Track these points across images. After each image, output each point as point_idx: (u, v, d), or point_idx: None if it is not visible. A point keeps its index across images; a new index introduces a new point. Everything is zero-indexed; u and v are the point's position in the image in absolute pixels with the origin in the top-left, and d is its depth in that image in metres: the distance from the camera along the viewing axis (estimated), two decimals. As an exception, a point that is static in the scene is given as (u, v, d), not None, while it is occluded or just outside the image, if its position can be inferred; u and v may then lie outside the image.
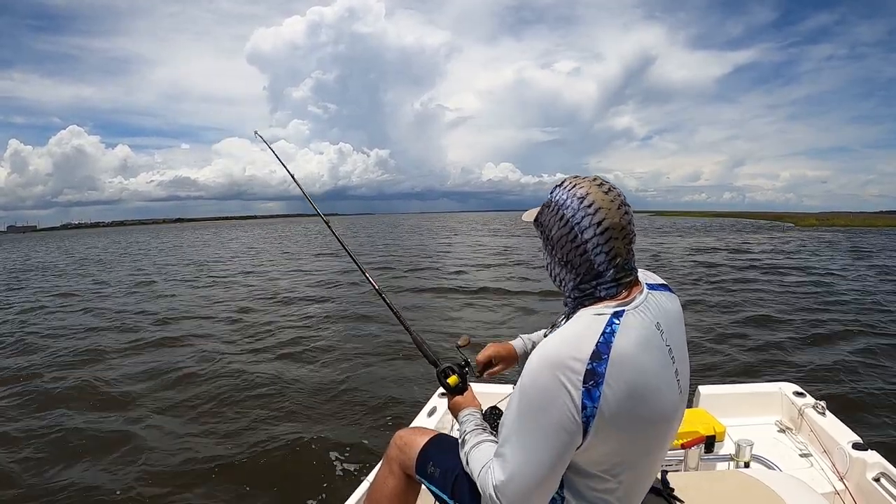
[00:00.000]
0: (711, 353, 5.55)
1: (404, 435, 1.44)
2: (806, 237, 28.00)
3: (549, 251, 1.06)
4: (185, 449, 3.58)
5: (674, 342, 1.00)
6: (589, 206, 0.97)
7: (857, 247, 21.13)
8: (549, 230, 1.03)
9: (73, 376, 5.22)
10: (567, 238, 0.99)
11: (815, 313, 7.64)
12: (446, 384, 1.33)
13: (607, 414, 0.88)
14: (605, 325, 0.92)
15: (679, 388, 1.01)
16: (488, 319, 7.72)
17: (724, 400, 2.47)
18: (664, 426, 0.99)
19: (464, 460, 1.12)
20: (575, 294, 1.03)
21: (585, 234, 0.97)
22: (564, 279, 1.04)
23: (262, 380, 4.90)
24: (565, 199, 1.00)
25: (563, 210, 1.00)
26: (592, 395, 0.87)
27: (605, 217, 0.96)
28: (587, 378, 0.88)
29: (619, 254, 0.97)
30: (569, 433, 0.89)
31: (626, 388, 0.89)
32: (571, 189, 1.00)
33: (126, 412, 4.24)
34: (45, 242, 56.52)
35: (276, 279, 13.20)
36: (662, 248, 20.20)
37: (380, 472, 1.46)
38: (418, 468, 1.34)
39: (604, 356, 0.89)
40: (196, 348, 6.26)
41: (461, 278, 12.27)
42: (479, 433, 1.15)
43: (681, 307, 1.09)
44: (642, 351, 0.93)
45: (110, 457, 3.48)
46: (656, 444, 1.01)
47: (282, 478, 3.21)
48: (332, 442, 3.63)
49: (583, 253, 0.98)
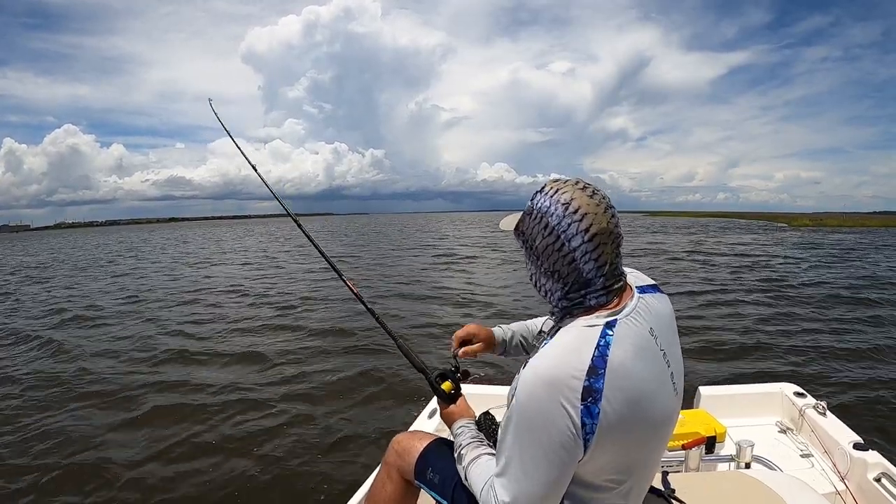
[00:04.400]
0: (711, 353, 5.55)
1: (402, 440, 1.41)
2: (799, 237, 28.20)
3: (534, 261, 1.00)
4: (173, 456, 3.51)
5: (667, 346, 0.98)
6: (574, 212, 0.92)
7: (853, 247, 21.29)
8: (533, 240, 0.98)
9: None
10: (553, 247, 0.95)
11: (814, 313, 7.67)
12: (440, 390, 1.30)
13: (607, 427, 0.86)
14: (599, 337, 0.89)
15: (675, 391, 1.00)
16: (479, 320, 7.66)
17: (724, 401, 2.46)
18: (661, 429, 0.98)
19: (462, 475, 1.10)
20: (563, 304, 0.99)
21: (573, 242, 0.92)
22: (551, 290, 1.00)
23: (248, 385, 4.84)
24: (549, 206, 0.95)
25: (547, 218, 0.95)
26: (592, 412, 0.85)
27: (592, 223, 0.91)
28: (585, 395, 0.85)
29: (607, 260, 0.93)
30: (568, 451, 0.87)
31: (625, 400, 0.87)
32: (554, 195, 0.95)
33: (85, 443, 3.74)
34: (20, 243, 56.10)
35: (246, 278, 13.18)
36: (659, 248, 20.29)
37: (378, 478, 1.44)
38: (417, 474, 1.32)
39: (600, 371, 0.86)
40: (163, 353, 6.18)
41: (451, 276, 12.27)
42: (476, 446, 1.13)
43: (671, 307, 1.06)
44: (638, 360, 0.90)
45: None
46: (654, 447, 1.00)
47: (275, 485, 3.16)
48: (328, 447, 3.60)
49: (571, 262, 0.94)
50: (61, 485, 3.18)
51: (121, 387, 4.85)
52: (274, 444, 3.64)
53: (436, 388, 1.31)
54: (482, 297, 9.49)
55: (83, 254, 27.86)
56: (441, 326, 7.15)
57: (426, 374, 1.35)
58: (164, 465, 3.38)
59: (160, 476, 3.24)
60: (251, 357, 5.89)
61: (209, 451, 3.59)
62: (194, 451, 3.58)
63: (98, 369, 5.47)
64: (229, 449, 3.60)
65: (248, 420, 4.07)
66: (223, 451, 3.57)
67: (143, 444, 3.67)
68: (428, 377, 1.34)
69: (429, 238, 30.30)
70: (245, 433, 3.84)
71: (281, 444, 3.64)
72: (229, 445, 3.65)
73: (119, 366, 5.61)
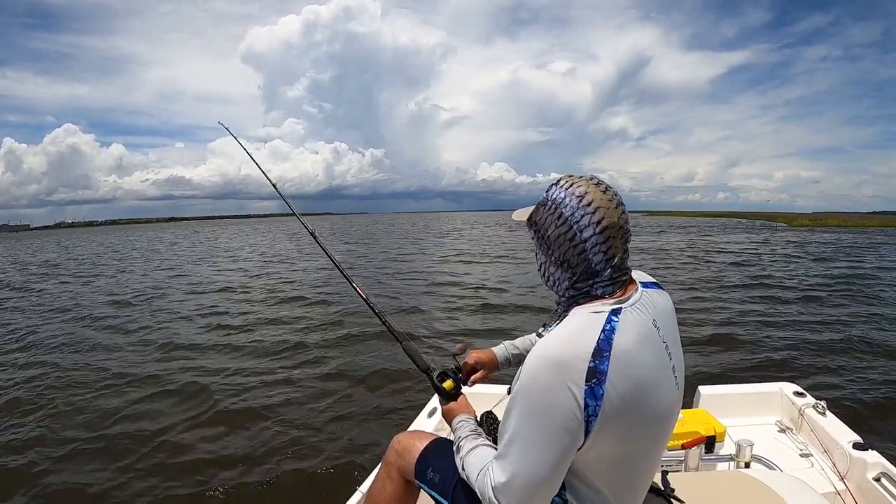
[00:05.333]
0: (711, 353, 5.56)
1: (403, 439, 1.42)
2: (799, 237, 28.21)
3: (545, 251, 1.04)
4: (178, 458, 3.50)
5: (669, 339, 1.00)
6: (588, 204, 0.96)
7: (853, 246, 21.30)
8: (546, 229, 1.02)
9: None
10: (565, 237, 0.98)
11: (814, 313, 7.67)
12: (441, 388, 1.32)
13: (610, 412, 0.87)
14: (605, 322, 0.92)
15: (677, 385, 1.01)
16: (481, 325, 7.53)
17: (724, 400, 2.46)
18: (663, 423, 0.99)
19: (459, 466, 1.10)
20: (570, 293, 1.02)
21: (584, 232, 0.96)
22: (559, 279, 1.04)
23: (249, 385, 4.83)
24: (563, 198, 0.99)
25: (561, 208, 0.99)
26: (595, 393, 0.86)
27: (604, 216, 0.95)
28: (589, 376, 0.86)
29: (616, 253, 0.97)
30: (570, 433, 0.88)
31: (629, 385, 0.89)
32: (569, 188, 0.99)
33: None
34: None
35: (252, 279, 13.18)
36: (659, 247, 20.30)
37: (378, 477, 1.45)
38: (417, 473, 1.32)
39: (605, 353, 0.88)
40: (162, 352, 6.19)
41: (452, 278, 12.29)
42: (475, 438, 1.13)
43: (672, 304, 1.09)
44: (642, 348, 0.92)
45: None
46: (655, 441, 1.01)
47: (276, 484, 3.15)
48: (328, 446, 3.59)
49: (581, 252, 0.97)
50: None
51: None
52: (272, 443, 3.64)
53: (437, 387, 1.33)
54: (488, 294, 9.53)
55: (117, 252, 27.50)
56: (447, 319, 7.18)
57: (429, 373, 1.38)
58: (155, 468, 3.36)
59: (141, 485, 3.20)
60: (251, 351, 5.93)
61: (203, 449, 3.59)
62: (190, 449, 3.58)
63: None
64: (226, 448, 3.59)
65: (244, 418, 4.06)
66: (219, 450, 3.56)
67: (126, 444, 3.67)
68: (430, 375, 1.37)
69: (431, 237, 30.16)
70: (242, 431, 3.84)
71: (279, 443, 3.63)
72: (225, 444, 3.65)
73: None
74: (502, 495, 0.92)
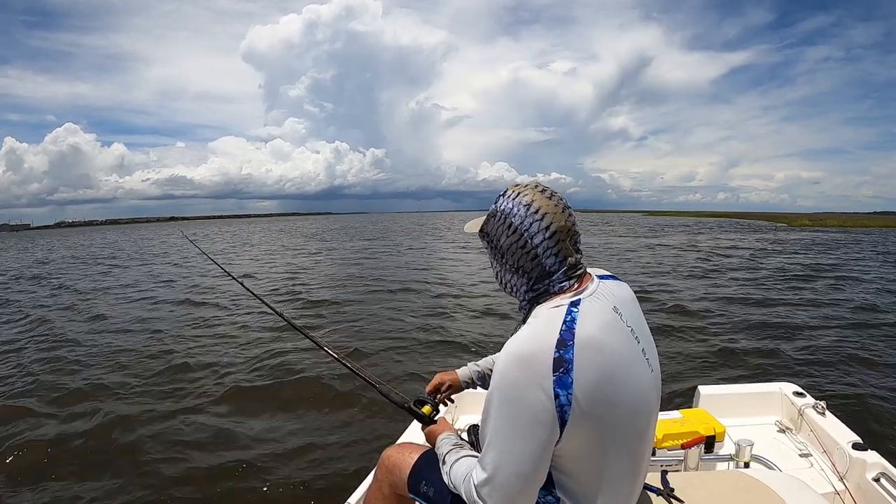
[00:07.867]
0: (711, 353, 5.55)
1: (392, 454, 1.41)
2: (799, 237, 28.19)
3: (499, 259, 1.08)
4: (160, 478, 3.23)
5: (634, 323, 1.03)
6: (535, 212, 1.01)
7: (852, 246, 21.27)
8: (498, 239, 1.06)
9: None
10: (517, 245, 1.02)
11: (814, 313, 7.67)
12: (420, 413, 1.37)
13: (582, 399, 0.89)
14: (565, 314, 0.95)
15: (650, 367, 1.03)
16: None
17: (723, 400, 2.46)
18: (642, 408, 1.00)
19: (446, 479, 1.11)
20: (529, 295, 1.06)
21: (535, 239, 1.01)
22: (517, 284, 1.07)
23: (231, 391, 4.56)
24: (511, 208, 1.03)
25: (510, 218, 1.03)
26: (564, 382, 0.88)
27: (552, 221, 1.00)
28: (556, 366, 0.89)
29: (567, 254, 1.02)
30: (544, 425, 0.89)
31: (597, 371, 0.91)
32: (516, 197, 1.04)
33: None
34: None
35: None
36: (658, 247, 20.25)
37: (369, 492, 1.44)
38: (411, 487, 1.32)
39: (569, 343, 0.90)
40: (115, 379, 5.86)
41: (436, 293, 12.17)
42: (458, 451, 1.15)
43: (632, 292, 1.12)
44: (606, 334, 0.95)
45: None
46: (639, 429, 1.00)
47: (261, 501, 2.97)
48: (315, 460, 3.38)
49: (534, 258, 1.01)
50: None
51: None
52: (255, 465, 3.34)
53: (416, 413, 1.38)
54: (468, 297, 9.49)
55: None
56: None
57: (406, 405, 1.42)
58: (141, 477, 3.20)
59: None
60: (238, 360, 5.52)
61: (187, 468, 3.32)
62: (172, 468, 3.34)
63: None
64: (208, 465, 3.36)
65: (229, 435, 3.78)
66: (202, 468, 3.32)
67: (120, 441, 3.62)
68: (408, 407, 1.41)
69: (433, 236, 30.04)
70: (227, 448, 3.56)
71: (261, 464, 3.34)
72: (208, 462, 3.39)
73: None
74: (486, 494, 0.93)
